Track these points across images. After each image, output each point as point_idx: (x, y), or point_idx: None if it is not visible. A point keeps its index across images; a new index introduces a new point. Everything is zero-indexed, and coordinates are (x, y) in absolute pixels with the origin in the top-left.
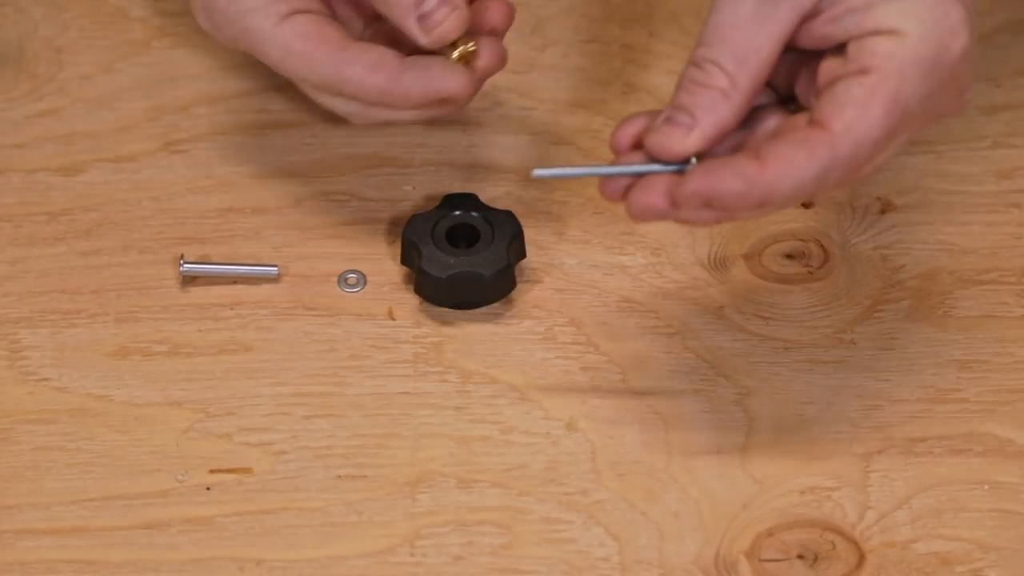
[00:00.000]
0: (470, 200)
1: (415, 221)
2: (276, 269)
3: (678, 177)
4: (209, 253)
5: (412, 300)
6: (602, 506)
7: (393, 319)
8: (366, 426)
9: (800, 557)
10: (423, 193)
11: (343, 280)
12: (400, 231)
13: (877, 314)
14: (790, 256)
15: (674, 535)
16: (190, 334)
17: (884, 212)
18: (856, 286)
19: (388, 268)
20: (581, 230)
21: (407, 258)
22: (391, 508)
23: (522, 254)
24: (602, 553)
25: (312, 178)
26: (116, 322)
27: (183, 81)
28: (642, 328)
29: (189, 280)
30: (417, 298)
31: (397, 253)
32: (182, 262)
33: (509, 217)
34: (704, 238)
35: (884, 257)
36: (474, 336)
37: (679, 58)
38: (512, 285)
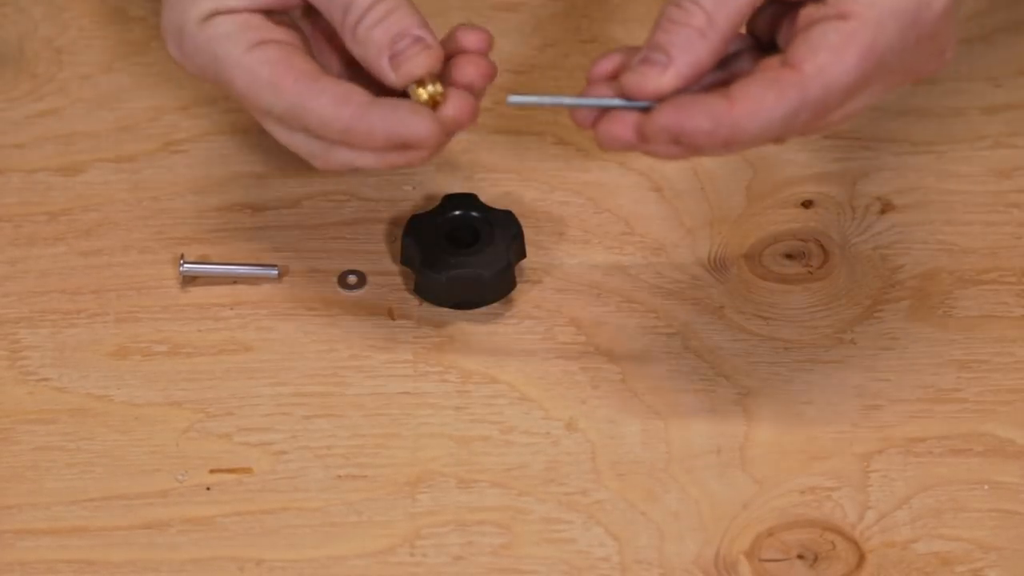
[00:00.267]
0: (470, 200)
1: (415, 221)
2: (276, 269)
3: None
4: (209, 253)
5: (412, 300)
6: (602, 506)
7: (393, 319)
8: (366, 426)
9: (800, 557)
10: (423, 193)
11: (343, 280)
12: (400, 231)
13: (877, 314)
14: (790, 256)
15: (674, 535)
16: (190, 334)
17: (884, 212)
18: (856, 286)
19: (388, 268)
20: (581, 230)
21: (407, 258)
22: (391, 508)
23: (522, 254)
24: (602, 553)
25: (312, 178)
26: (116, 322)
27: (183, 81)
28: (642, 328)
29: (189, 280)
30: (417, 298)
31: (397, 253)
32: (182, 262)
33: (509, 217)
34: (704, 238)
35: (884, 257)
36: (474, 336)
37: None
38: (512, 285)
